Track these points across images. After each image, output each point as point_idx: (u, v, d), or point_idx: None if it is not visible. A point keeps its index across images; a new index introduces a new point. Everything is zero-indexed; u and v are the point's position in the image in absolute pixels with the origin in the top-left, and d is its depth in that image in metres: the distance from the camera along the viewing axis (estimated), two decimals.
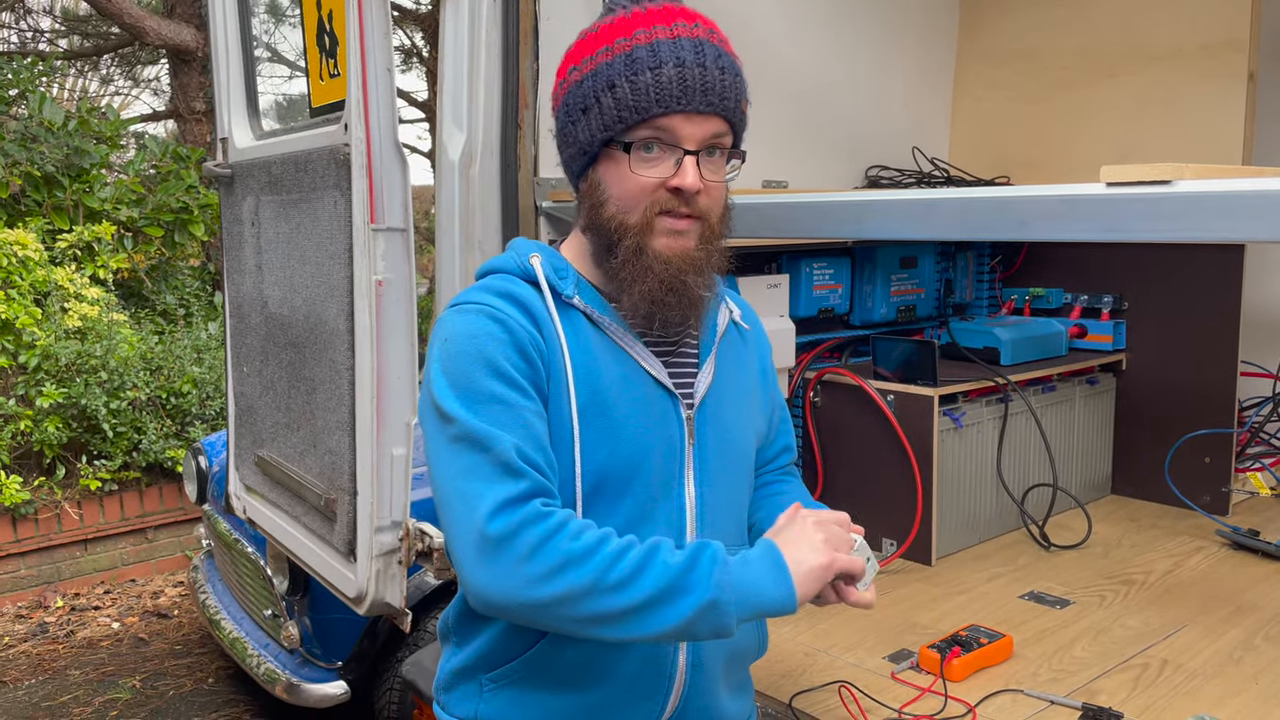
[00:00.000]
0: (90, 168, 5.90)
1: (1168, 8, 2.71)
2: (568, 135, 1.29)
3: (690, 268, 1.26)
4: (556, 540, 1.13)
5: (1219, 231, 1.21)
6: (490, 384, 1.20)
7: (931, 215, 1.53)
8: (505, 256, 1.35)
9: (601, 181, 1.27)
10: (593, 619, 1.14)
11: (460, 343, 1.23)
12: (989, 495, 2.47)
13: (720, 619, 1.14)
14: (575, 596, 1.13)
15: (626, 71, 1.21)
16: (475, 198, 1.99)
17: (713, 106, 1.23)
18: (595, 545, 1.14)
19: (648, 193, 1.24)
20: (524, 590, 1.13)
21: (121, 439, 4.86)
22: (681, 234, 1.25)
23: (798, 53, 2.68)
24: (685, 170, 1.23)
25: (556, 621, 1.17)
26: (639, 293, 1.25)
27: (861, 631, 1.97)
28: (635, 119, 1.21)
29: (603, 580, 1.12)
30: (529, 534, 1.13)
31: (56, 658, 4.09)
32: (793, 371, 2.46)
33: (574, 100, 1.26)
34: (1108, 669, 1.78)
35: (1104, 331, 2.76)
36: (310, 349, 2.19)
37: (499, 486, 1.15)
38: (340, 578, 2.08)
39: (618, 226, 1.25)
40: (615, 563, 1.13)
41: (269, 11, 8.94)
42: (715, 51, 1.24)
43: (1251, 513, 2.61)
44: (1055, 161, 2.95)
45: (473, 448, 1.18)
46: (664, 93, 1.21)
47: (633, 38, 1.23)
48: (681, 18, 1.25)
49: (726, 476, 1.36)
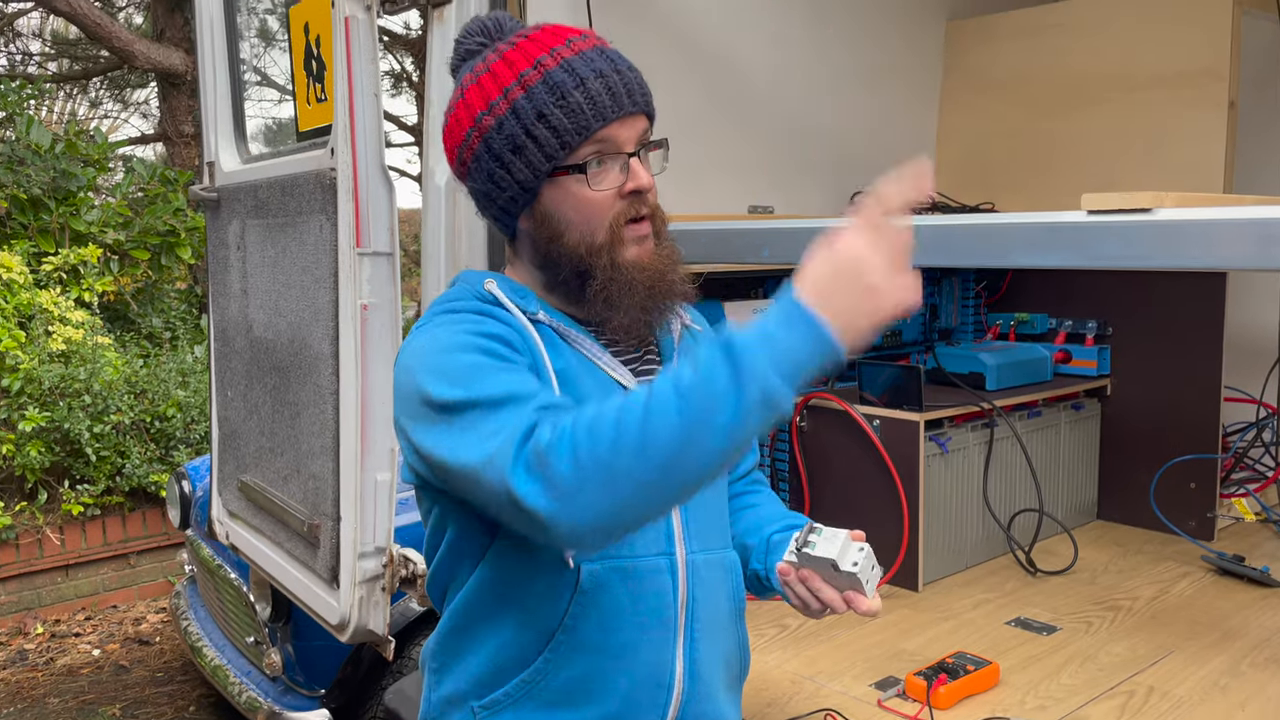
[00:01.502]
0: (77, 190, 5.89)
1: (1149, 37, 2.74)
2: (499, 181, 1.24)
3: (666, 263, 1.28)
4: (579, 431, 1.00)
5: (1199, 259, 1.22)
6: (473, 356, 1.15)
7: (917, 241, 1.54)
8: (457, 289, 1.31)
9: (553, 212, 1.25)
10: (692, 468, 0.99)
11: (439, 337, 1.19)
12: (975, 521, 2.47)
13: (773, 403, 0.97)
14: (635, 458, 0.98)
15: (551, 97, 1.20)
16: (462, 222, 1.99)
17: (638, 105, 1.25)
18: (618, 416, 0.99)
19: (608, 207, 1.24)
20: (599, 502, 1.00)
21: (105, 463, 4.82)
22: (645, 238, 1.27)
23: (784, 79, 2.70)
24: (637, 172, 1.25)
25: (649, 498, 1.01)
26: (630, 304, 1.25)
27: (848, 658, 1.96)
28: (578, 139, 1.21)
29: (649, 429, 0.97)
30: (550, 440, 1.01)
31: (36, 685, 4.04)
32: None
33: (498, 144, 1.22)
34: (1094, 696, 1.77)
35: (1089, 357, 2.77)
36: (295, 373, 2.18)
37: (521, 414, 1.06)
38: (323, 604, 2.06)
39: (587, 250, 1.25)
40: (651, 412, 0.98)
41: (258, 36, 8.97)
42: (616, 54, 1.27)
43: (1237, 538, 2.61)
44: (1039, 187, 2.97)
45: (461, 412, 1.10)
46: (598, 105, 1.21)
47: (537, 66, 1.21)
48: (569, 34, 1.26)
49: None
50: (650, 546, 1.27)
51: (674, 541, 1.29)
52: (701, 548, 1.33)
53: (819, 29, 2.79)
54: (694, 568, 1.30)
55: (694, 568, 1.30)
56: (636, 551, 1.26)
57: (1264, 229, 1.13)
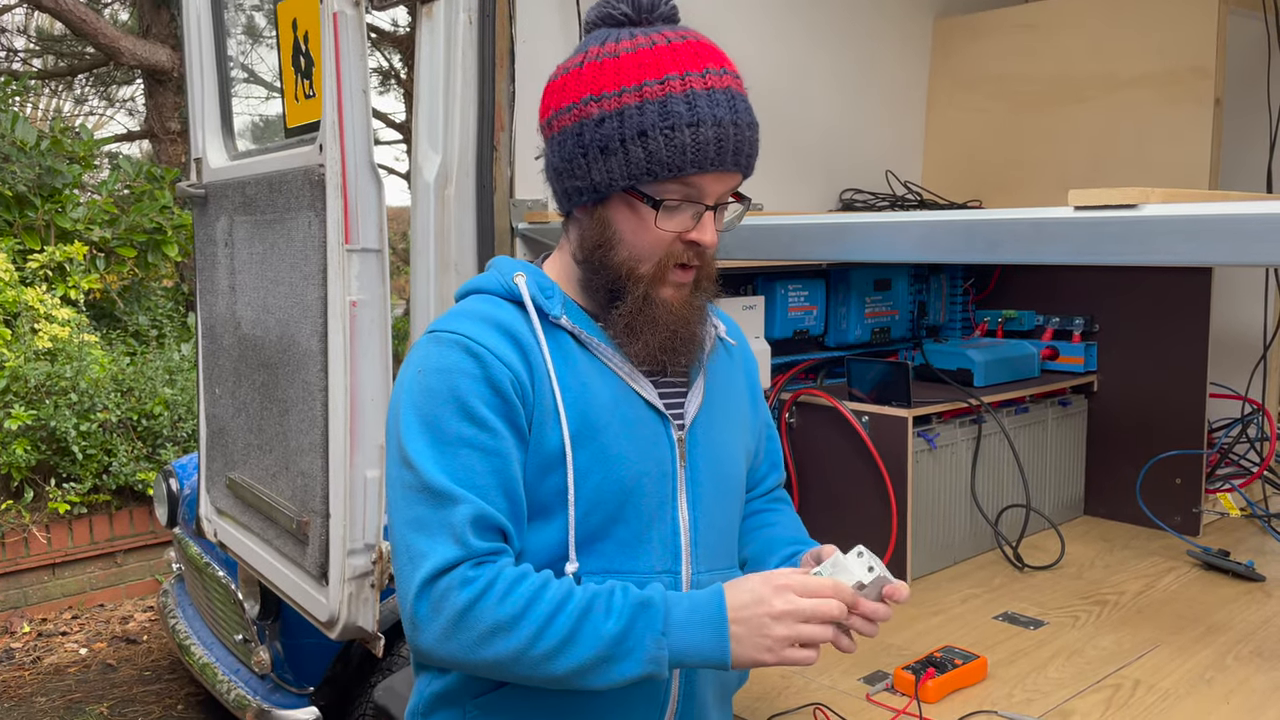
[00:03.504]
0: (63, 188, 5.86)
1: (1135, 34, 2.75)
2: (576, 169, 1.23)
3: (695, 316, 1.28)
4: (482, 606, 1.12)
5: (1185, 254, 1.22)
6: (459, 426, 1.18)
7: (904, 238, 1.55)
8: (488, 276, 1.32)
9: (612, 223, 1.24)
10: (531, 679, 1.16)
11: (433, 377, 1.20)
12: (963, 516, 2.48)
13: (654, 680, 1.17)
14: (505, 663, 1.14)
15: (661, 124, 1.16)
16: (451, 219, 1.99)
17: (740, 166, 1.23)
18: (523, 610, 1.12)
19: (664, 245, 1.23)
20: (457, 656, 1.15)
21: (91, 461, 4.80)
22: (685, 285, 1.27)
23: (772, 77, 2.70)
24: (705, 226, 1.23)
25: (501, 678, 1.20)
26: (649, 342, 1.25)
27: (836, 653, 1.96)
28: (667, 175, 1.18)
29: (530, 650, 1.12)
30: (455, 600, 1.13)
31: (22, 684, 4.02)
32: (768, 393, 2.46)
33: (591, 137, 1.20)
34: (1081, 689, 1.78)
35: (1075, 353, 2.79)
36: (283, 370, 2.17)
37: (441, 550, 1.14)
38: (312, 601, 2.06)
39: (628, 274, 1.24)
40: (544, 630, 1.12)
41: (245, 32, 8.94)
42: (745, 105, 1.23)
43: (1222, 533, 2.63)
44: (1027, 184, 2.99)
45: (427, 501, 1.17)
46: (701, 155, 1.18)
47: (664, 82, 1.17)
48: (710, 61, 1.21)
49: (719, 497, 1.36)
50: (656, 563, 1.27)
51: (680, 560, 1.29)
52: (708, 567, 1.33)
53: (808, 26, 2.80)
54: (699, 586, 1.30)
55: (699, 586, 1.30)
56: (641, 567, 1.26)
57: (1249, 225, 1.14)
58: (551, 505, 1.22)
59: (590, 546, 1.23)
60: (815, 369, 2.65)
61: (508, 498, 1.19)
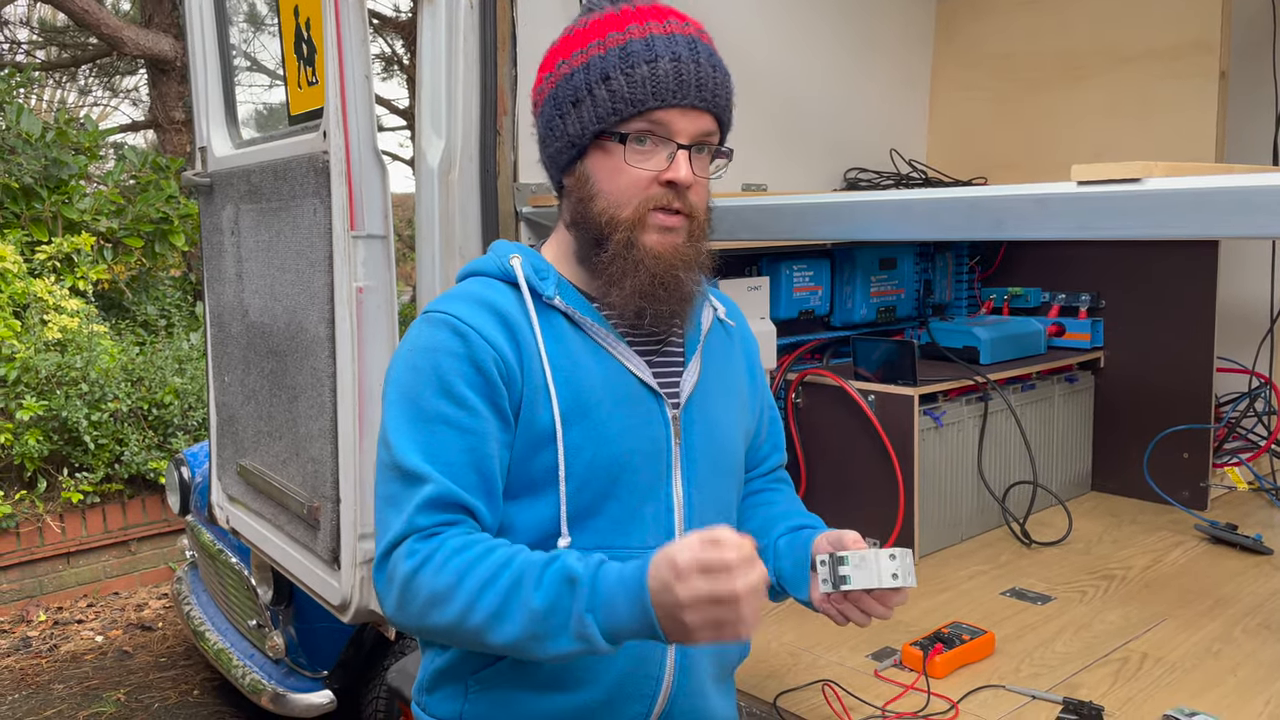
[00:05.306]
0: (69, 179, 5.88)
1: (1139, 10, 2.74)
2: (554, 129, 1.28)
3: (681, 263, 1.27)
4: (420, 577, 1.15)
5: (1189, 228, 1.22)
6: (438, 404, 1.20)
7: (908, 216, 1.55)
8: (485, 258, 1.35)
9: (591, 175, 1.27)
10: (483, 649, 1.18)
11: (419, 355, 1.24)
12: (970, 493, 2.49)
13: (591, 654, 1.11)
14: (451, 632, 1.16)
15: (621, 64, 1.22)
16: (455, 204, 1.99)
17: (705, 103, 1.25)
18: (457, 581, 1.12)
19: (641, 187, 1.24)
20: (411, 625, 1.20)
21: (103, 451, 4.83)
22: (672, 230, 1.26)
23: (776, 57, 2.70)
24: (679, 163, 1.24)
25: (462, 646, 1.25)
26: (630, 287, 1.25)
27: (845, 630, 1.97)
28: (631, 111, 1.22)
29: (465, 623, 1.13)
30: (400, 570, 1.17)
31: (40, 672, 4.06)
32: (774, 373, 2.47)
33: (563, 93, 1.26)
34: (1088, 663, 1.79)
35: (1082, 330, 2.78)
36: (291, 357, 2.19)
37: (396, 525, 1.19)
38: (325, 586, 2.08)
39: (609, 221, 1.25)
40: (475, 603, 1.12)
41: (247, 20, 8.92)
42: (708, 50, 1.27)
43: (1229, 507, 2.64)
44: (1031, 162, 2.98)
45: (397, 479, 1.20)
46: (660, 86, 1.22)
47: (625, 32, 1.24)
48: (673, 15, 1.27)
49: (715, 475, 1.37)
50: (650, 539, 1.27)
51: (674, 536, 1.29)
52: None
53: (812, 6, 2.79)
54: None
55: None
56: (633, 543, 1.27)
57: (1254, 197, 1.14)
58: (543, 482, 1.24)
59: (583, 523, 1.24)
60: (821, 349, 2.65)
61: (479, 474, 1.21)
